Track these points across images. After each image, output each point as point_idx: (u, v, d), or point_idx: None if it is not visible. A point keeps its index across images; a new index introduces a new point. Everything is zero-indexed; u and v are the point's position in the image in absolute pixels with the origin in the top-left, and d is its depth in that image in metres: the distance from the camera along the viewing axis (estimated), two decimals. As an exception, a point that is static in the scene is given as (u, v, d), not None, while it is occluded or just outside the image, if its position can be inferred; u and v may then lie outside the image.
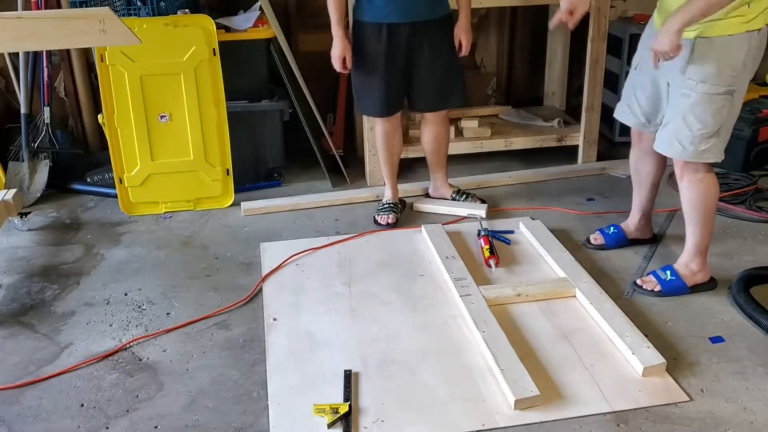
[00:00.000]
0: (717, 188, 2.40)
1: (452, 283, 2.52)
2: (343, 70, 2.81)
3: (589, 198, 3.32)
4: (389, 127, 3.00)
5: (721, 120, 2.26)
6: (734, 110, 2.28)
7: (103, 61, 3.04)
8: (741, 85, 2.26)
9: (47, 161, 3.49)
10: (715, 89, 2.22)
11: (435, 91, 2.93)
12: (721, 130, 2.28)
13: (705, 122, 2.25)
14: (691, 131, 2.27)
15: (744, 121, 3.55)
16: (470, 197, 3.22)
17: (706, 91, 2.22)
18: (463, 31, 2.85)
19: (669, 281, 2.49)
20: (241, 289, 2.60)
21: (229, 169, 3.27)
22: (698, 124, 2.26)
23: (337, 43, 2.76)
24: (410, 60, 2.82)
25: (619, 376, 2.08)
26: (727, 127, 2.30)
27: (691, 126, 2.27)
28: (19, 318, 2.47)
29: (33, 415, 1.99)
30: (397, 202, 3.15)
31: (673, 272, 2.50)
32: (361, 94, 2.94)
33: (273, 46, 3.31)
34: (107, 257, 2.88)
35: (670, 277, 2.49)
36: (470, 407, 1.97)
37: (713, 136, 2.27)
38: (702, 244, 2.48)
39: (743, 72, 2.23)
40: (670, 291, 2.48)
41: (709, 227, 2.45)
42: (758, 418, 1.92)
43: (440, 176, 3.25)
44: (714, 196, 2.40)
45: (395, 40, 2.76)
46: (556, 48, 3.98)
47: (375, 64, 2.80)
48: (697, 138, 2.27)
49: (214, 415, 1.98)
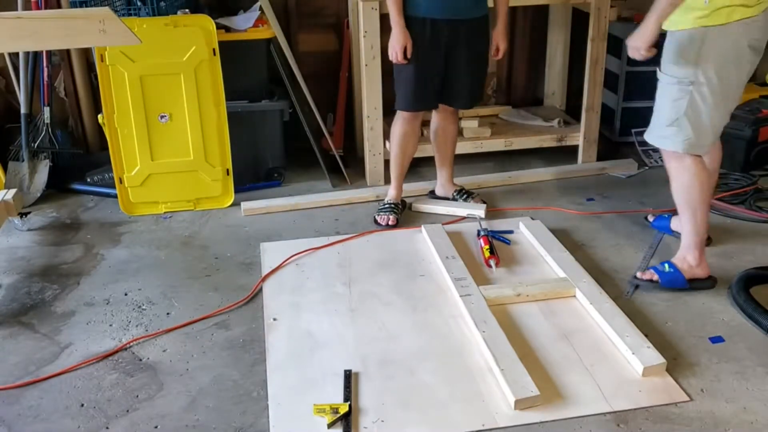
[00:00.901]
0: (700, 181, 2.42)
1: (452, 283, 2.52)
2: (403, 61, 2.80)
3: (589, 198, 3.32)
4: (409, 128, 3.02)
5: (680, 111, 2.34)
6: (705, 105, 2.31)
7: (103, 61, 3.04)
8: (709, 79, 2.28)
9: (47, 161, 3.48)
10: (669, 80, 2.35)
11: (467, 90, 2.97)
12: (681, 121, 2.35)
13: (663, 109, 2.40)
14: (656, 116, 2.45)
15: (744, 121, 3.55)
16: (471, 197, 3.22)
17: (665, 80, 2.37)
18: (501, 36, 2.90)
19: (668, 273, 2.51)
20: (241, 289, 2.60)
21: (229, 169, 3.27)
22: (658, 111, 2.43)
23: (399, 33, 2.75)
24: (448, 57, 2.85)
25: (619, 376, 2.08)
26: (693, 120, 2.34)
27: (656, 111, 2.45)
28: (19, 318, 2.47)
29: (33, 415, 1.99)
30: (398, 202, 3.15)
31: (671, 265, 2.53)
32: (401, 88, 2.94)
33: (273, 46, 3.31)
34: (107, 257, 2.88)
35: (669, 269, 2.52)
36: (470, 407, 1.97)
37: (672, 125, 2.37)
38: (693, 237, 2.50)
39: (708, 66, 2.26)
40: (669, 282, 2.51)
41: (697, 220, 2.47)
42: (758, 418, 1.92)
43: (445, 173, 3.26)
44: (696, 188, 2.42)
45: (437, 36, 2.78)
46: (556, 48, 3.98)
47: (416, 58, 2.81)
48: (657, 124, 2.44)
49: (214, 415, 1.98)
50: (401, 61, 2.79)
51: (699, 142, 2.37)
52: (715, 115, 2.34)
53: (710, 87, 2.28)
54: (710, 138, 2.40)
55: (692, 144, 2.37)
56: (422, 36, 2.78)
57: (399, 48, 2.77)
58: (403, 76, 2.89)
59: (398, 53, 2.77)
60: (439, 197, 3.30)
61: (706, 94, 2.29)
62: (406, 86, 2.89)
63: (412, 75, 2.85)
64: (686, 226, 2.50)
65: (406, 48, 2.77)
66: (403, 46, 2.76)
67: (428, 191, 3.36)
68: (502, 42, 2.91)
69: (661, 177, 3.49)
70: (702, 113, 2.32)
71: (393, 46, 2.79)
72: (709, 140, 2.40)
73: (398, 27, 2.75)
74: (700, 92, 2.29)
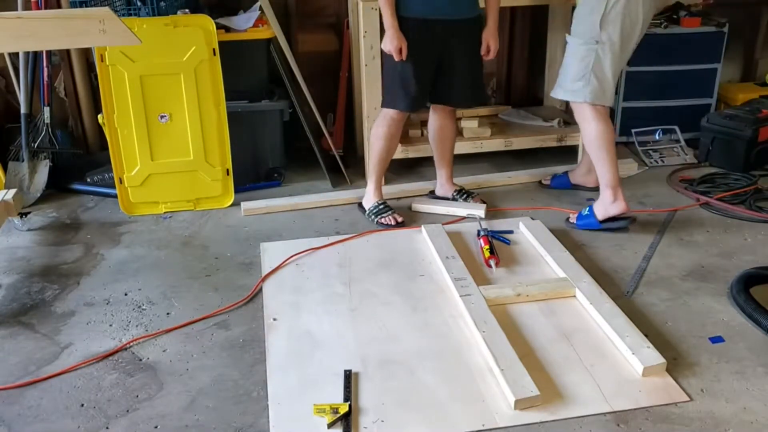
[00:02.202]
0: (609, 128, 2.87)
1: (452, 283, 2.52)
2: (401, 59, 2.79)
3: (589, 198, 3.31)
4: (395, 129, 3.02)
5: (587, 67, 2.80)
6: (607, 60, 2.79)
7: (103, 61, 3.04)
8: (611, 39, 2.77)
9: (47, 161, 3.49)
10: (577, 41, 2.83)
11: (466, 88, 2.98)
12: (588, 76, 2.81)
13: (571, 67, 2.85)
14: (564, 74, 2.89)
15: (744, 121, 3.55)
16: (471, 197, 3.22)
17: (574, 42, 2.84)
18: (492, 35, 2.90)
19: (585, 216, 2.97)
20: (241, 289, 2.60)
21: (229, 169, 3.27)
22: (566, 69, 2.88)
23: (394, 35, 2.75)
24: (442, 57, 2.86)
25: (619, 376, 2.08)
26: (599, 74, 2.81)
27: (564, 69, 2.89)
28: (19, 318, 2.47)
29: (33, 415, 1.99)
30: (385, 201, 3.15)
31: (590, 208, 2.97)
32: (392, 87, 2.93)
33: (273, 46, 3.32)
34: (107, 257, 2.88)
35: (586, 213, 2.97)
36: (470, 407, 1.97)
37: (579, 80, 2.82)
38: (607, 177, 2.89)
39: (612, 28, 2.75)
40: (584, 225, 2.96)
41: (609, 161, 2.87)
42: (758, 418, 1.92)
43: (445, 173, 3.26)
44: (607, 134, 2.86)
45: (430, 36, 2.78)
46: (556, 48, 3.98)
47: (409, 58, 2.80)
48: (565, 80, 2.89)
49: (214, 415, 1.98)
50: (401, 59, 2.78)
51: (604, 92, 2.84)
52: (616, 68, 2.83)
53: (611, 46, 2.77)
54: (612, 88, 2.85)
55: (597, 95, 2.83)
56: (415, 36, 2.78)
57: (394, 50, 2.77)
58: (393, 75, 2.89)
59: (396, 54, 2.77)
60: (438, 197, 3.30)
61: (607, 52, 2.78)
62: (397, 86, 2.89)
63: (404, 74, 2.85)
64: (601, 169, 2.89)
65: (401, 49, 2.76)
66: (398, 47, 2.76)
67: (428, 191, 3.36)
68: (493, 41, 2.91)
69: (661, 177, 3.51)
70: (605, 68, 2.80)
71: (388, 49, 2.78)
72: (611, 90, 2.85)
73: (392, 29, 2.75)
74: (603, 50, 2.78)
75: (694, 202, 3.18)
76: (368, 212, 3.12)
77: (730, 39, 3.88)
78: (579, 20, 2.83)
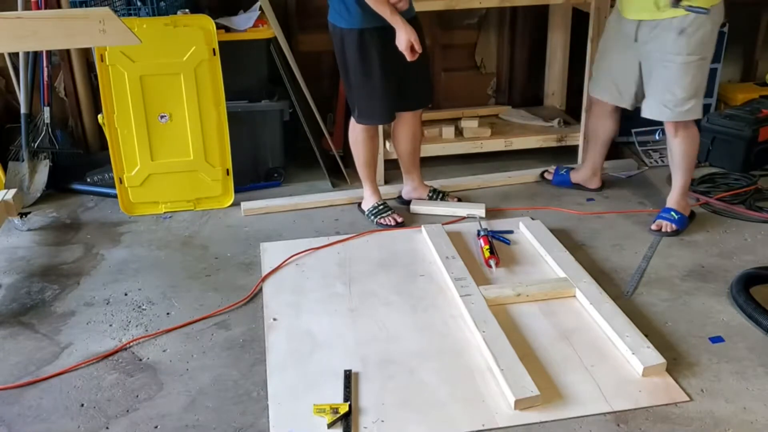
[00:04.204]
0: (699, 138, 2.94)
1: (452, 283, 2.52)
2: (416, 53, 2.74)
3: (589, 198, 3.32)
4: (373, 131, 3.04)
5: (701, 81, 2.79)
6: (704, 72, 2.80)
7: (103, 61, 3.04)
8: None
9: (47, 161, 3.48)
10: (694, 58, 2.74)
11: (422, 87, 3.00)
12: (701, 93, 2.81)
13: (684, 87, 2.77)
14: (673, 94, 2.79)
15: (744, 121, 3.55)
16: (446, 196, 3.23)
17: (691, 60, 2.74)
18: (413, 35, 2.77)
19: (679, 218, 2.92)
20: (241, 289, 2.60)
21: (229, 169, 3.27)
22: (674, 86, 2.78)
23: (403, 28, 2.68)
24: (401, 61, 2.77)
25: (619, 376, 2.08)
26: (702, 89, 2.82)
27: (669, 88, 2.79)
28: (19, 318, 2.47)
29: (33, 415, 1.99)
30: (384, 202, 3.15)
31: (676, 212, 2.93)
32: (365, 102, 2.90)
33: (273, 46, 3.31)
34: (107, 257, 2.88)
35: (677, 216, 2.92)
36: (470, 407, 1.97)
37: (693, 98, 2.79)
38: (688, 184, 2.98)
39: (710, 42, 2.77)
40: (683, 224, 2.93)
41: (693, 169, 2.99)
42: (758, 418, 1.92)
43: (417, 176, 3.24)
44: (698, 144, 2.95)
45: (391, 43, 2.73)
46: (556, 48, 3.98)
47: (379, 69, 2.79)
48: (680, 101, 2.80)
49: (214, 415, 1.98)
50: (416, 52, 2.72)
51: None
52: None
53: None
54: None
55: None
56: (380, 46, 2.76)
57: (414, 39, 2.69)
58: (366, 89, 2.85)
59: (415, 45, 2.70)
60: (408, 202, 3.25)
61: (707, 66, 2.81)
62: (372, 100, 2.87)
63: (378, 87, 2.83)
64: (685, 178, 2.95)
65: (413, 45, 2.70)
66: (408, 40, 2.68)
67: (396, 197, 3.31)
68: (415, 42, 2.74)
69: (661, 177, 3.51)
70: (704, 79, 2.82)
71: (407, 42, 2.68)
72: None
73: (400, 22, 2.68)
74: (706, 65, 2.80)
75: (694, 202, 3.18)
76: (368, 213, 3.12)
77: (730, 39, 3.88)
78: (696, 36, 2.70)
